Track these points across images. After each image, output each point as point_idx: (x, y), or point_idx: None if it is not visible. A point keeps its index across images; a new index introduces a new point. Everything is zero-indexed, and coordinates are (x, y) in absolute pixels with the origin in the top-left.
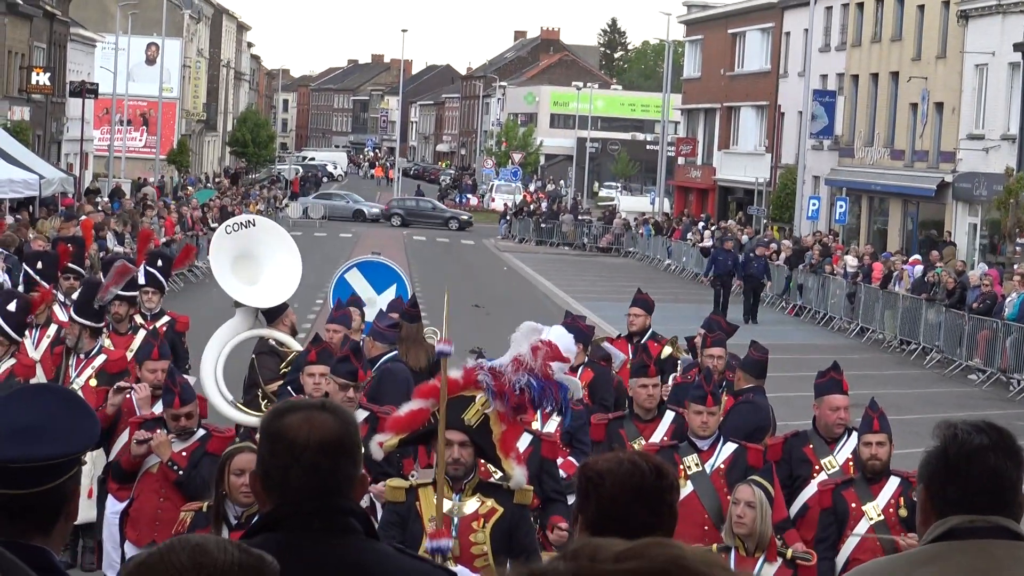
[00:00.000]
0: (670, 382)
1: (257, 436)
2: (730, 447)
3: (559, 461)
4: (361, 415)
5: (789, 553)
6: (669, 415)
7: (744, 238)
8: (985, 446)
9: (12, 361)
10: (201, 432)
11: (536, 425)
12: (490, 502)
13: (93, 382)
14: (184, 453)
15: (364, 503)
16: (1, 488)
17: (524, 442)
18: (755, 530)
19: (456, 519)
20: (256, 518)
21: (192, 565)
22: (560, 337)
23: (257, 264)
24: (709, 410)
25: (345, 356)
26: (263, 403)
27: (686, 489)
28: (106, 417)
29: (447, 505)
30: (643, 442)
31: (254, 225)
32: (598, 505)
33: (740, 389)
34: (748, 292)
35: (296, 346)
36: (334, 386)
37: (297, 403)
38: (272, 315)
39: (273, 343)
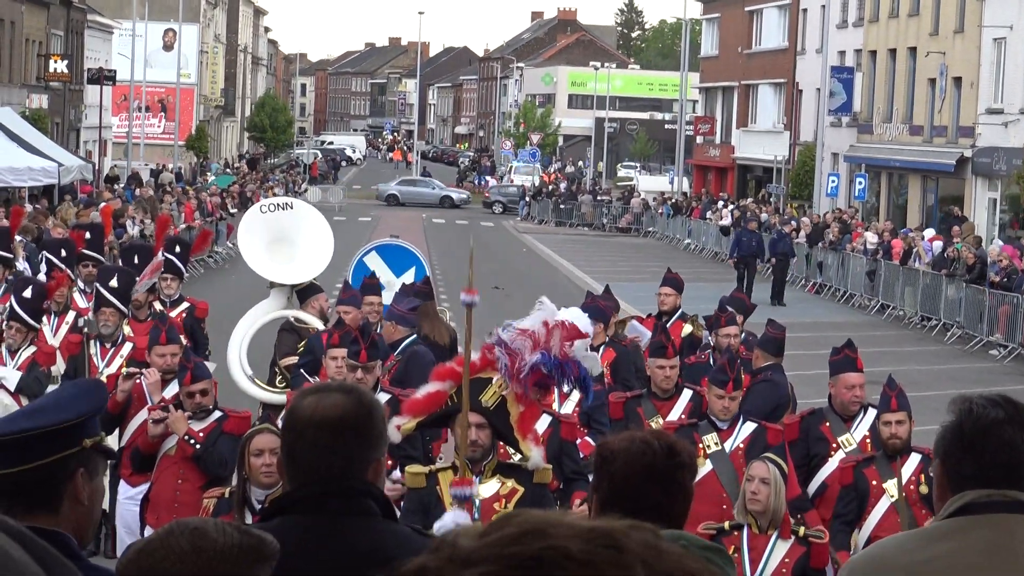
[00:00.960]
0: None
1: (277, 418)
2: (749, 427)
3: (578, 442)
4: (383, 398)
5: (802, 531)
6: (687, 393)
7: (763, 216)
8: (1000, 420)
9: (32, 349)
10: (218, 413)
11: (555, 406)
12: (510, 483)
13: (125, 370)
14: (201, 433)
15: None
16: None
17: (543, 424)
18: (769, 507)
19: (477, 501)
20: (271, 501)
21: (192, 549)
22: (577, 317)
23: (292, 245)
24: (731, 395)
25: (353, 337)
26: (277, 379)
27: (705, 468)
28: (116, 403)
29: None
30: (660, 421)
31: (291, 208)
32: (610, 483)
33: (758, 368)
34: (777, 272)
35: (323, 328)
36: (344, 368)
37: (321, 385)
38: (304, 296)
39: (294, 320)
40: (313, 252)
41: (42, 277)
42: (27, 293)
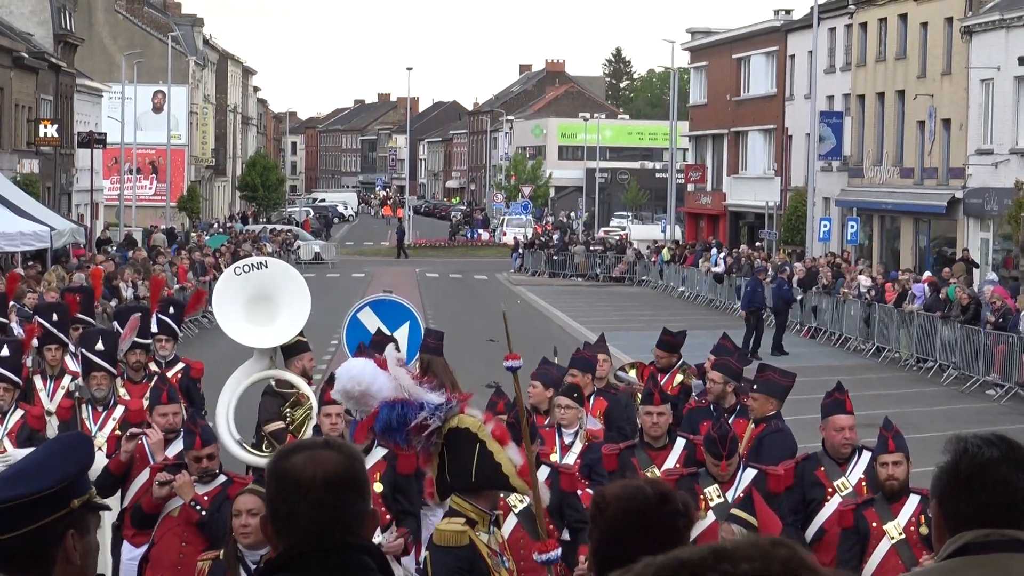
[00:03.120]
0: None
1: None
2: (750, 474)
3: (579, 493)
4: (379, 452)
5: None
6: (680, 442)
7: (757, 263)
8: (996, 459)
9: (20, 413)
10: (223, 478)
11: (556, 458)
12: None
13: (118, 433)
14: (206, 497)
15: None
16: None
17: (543, 475)
18: None
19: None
20: (266, 561)
21: None
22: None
23: (271, 305)
24: (729, 461)
25: None
26: (264, 444)
27: (708, 520)
28: (120, 464)
29: (486, 538)
30: (656, 470)
31: (266, 267)
32: (601, 530)
33: (765, 416)
34: (780, 321)
35: (306, 388)
36: (339, 424)
37: (302, 443)
38: (289, 355)
39: (273, 384)
40: (292, 310)
41: (35, 343)
42: (4, 352)
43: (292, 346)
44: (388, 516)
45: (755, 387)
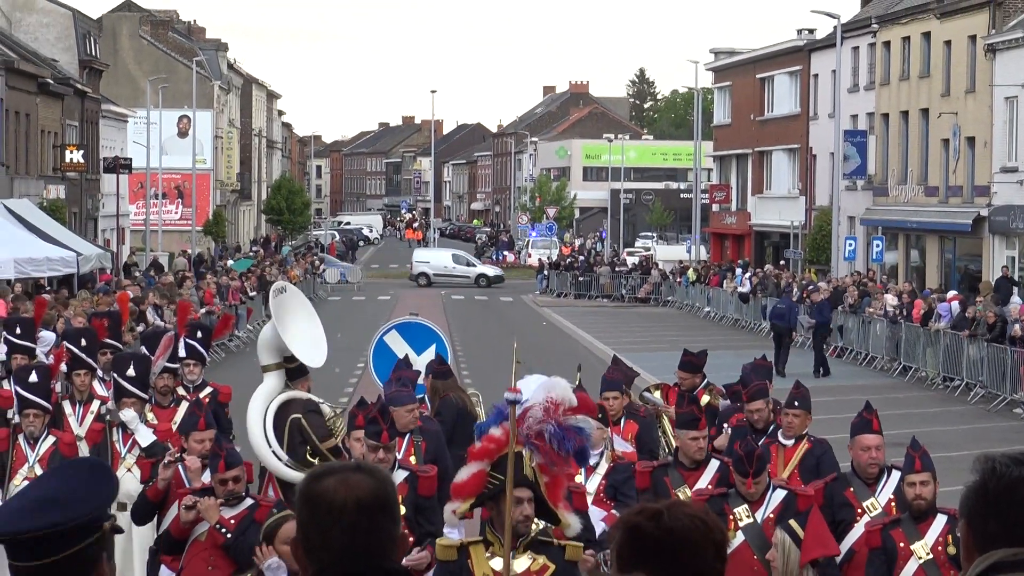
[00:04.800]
0: (726, 429)
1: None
2: (780, 494)
3: (603, 515)
4: (401, 475)
5: None
6: (714, 463)
7: (786, 282)
8: None
9: (52, 439)
10: (249, 501)
11: (580, 479)
12: (542, 559)
13: (166, 458)
14: (232, 520)
15: None
16: (20, 560)
17: None
18: (781, 571)
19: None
20: None
21: None
22: (557, 390)
23: (309, 324)
24: (755, 481)
25: (373, 417)
26: (316, 461)
27: (737, 540)
28: (157, 491)
29: (498, 564)
30: (688, 490)
31: (286, 291)
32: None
33: (805, 431)
34: (818, 342)
35: (327, 408)
36: (365, 448)
37: (332, 466)
38: (292, 377)
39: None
40: (314, 330)
41: (63, 367)
42: (33, 378)
43: (297, 368)
44: (412, 539)
45: (796, 403)
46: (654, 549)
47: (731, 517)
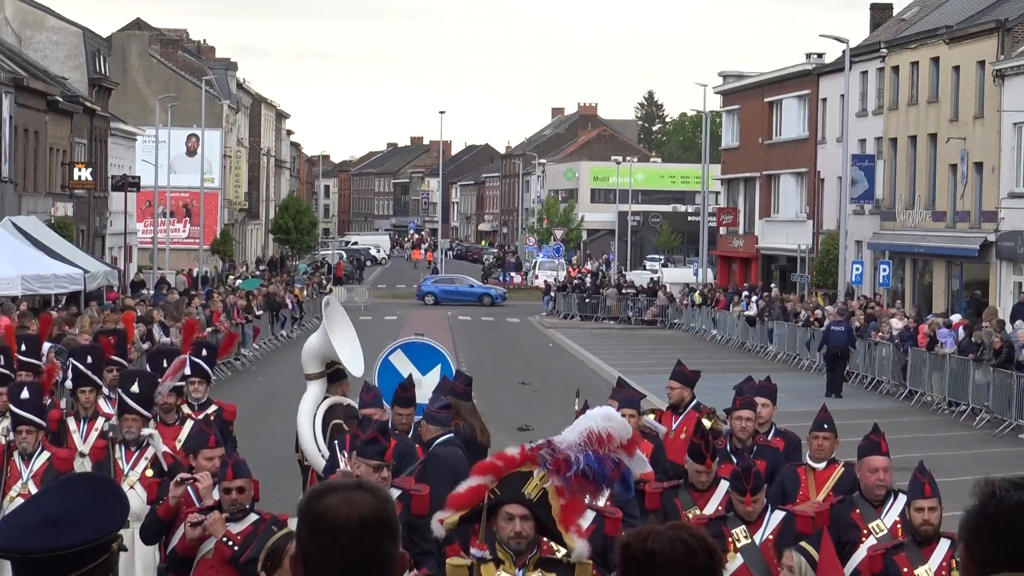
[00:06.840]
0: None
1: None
2: (778, 516)
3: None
4: (394, 493)
5: None
6: (724, 485)
7: (789, 305)
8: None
9: (46, 454)
10: (255, 516)
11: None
12: None
13: (149, 472)
14: (239, 535)
15: None
16: None
17: (587, 519)
18: None
19: None
20: None
21: None
22: (616, 425)
23: (349, 334)
24: (753, 499)
25: (373, 437)
26: None
27: (736, 562)
28: (168, 509)
29: None
30: (697, 512)
31: (329, 304)
32: None
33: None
34: (839, 364)
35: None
36: (367, 469)
37: (333, 484)
38: (332, 380)
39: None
40: (352, 338)
41: (68, 384)
42: (25, 395)
43: (336, 372)
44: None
45: (824, 426)
46: (638, 571)
47: (729, 539)
